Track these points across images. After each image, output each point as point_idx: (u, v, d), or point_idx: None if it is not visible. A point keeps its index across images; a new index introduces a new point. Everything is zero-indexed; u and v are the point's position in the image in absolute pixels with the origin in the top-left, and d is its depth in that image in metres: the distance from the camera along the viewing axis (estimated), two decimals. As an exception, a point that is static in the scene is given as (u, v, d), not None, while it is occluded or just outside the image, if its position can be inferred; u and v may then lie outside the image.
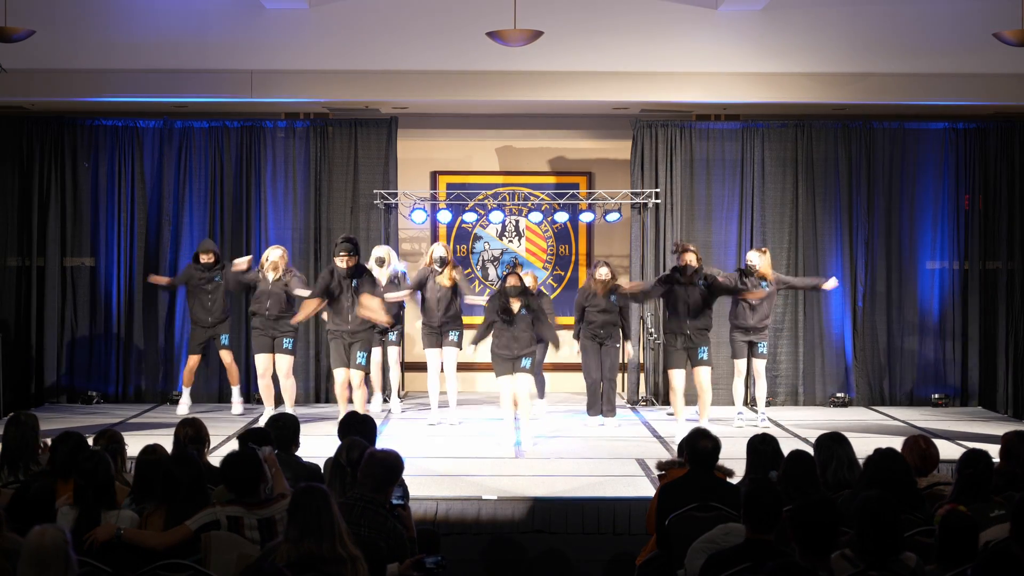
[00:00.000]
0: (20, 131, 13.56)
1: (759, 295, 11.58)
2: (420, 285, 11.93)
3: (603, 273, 11.59)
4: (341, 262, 10.65)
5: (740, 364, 11.93)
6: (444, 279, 11.81)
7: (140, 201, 13.60)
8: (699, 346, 10.97)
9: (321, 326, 12.43)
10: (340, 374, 10.92)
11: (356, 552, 4.85)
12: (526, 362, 10.59)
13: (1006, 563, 4.18)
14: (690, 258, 10.92)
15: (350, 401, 10.86)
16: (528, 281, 11.24)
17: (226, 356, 12.54)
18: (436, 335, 11.90)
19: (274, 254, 11.91)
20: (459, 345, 11.93)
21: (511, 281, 10.65)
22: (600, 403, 11.73)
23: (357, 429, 6.79)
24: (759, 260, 11.74)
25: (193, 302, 12.49)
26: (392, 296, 11.78)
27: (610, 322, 11.60)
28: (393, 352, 12.83)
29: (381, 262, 12.17)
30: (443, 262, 11.85)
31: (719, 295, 11.32)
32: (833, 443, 6.38)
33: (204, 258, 12.44)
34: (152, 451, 6.14)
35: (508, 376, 10.62)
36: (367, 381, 11.37)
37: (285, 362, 11.85)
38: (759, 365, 11.96)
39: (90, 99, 12.86)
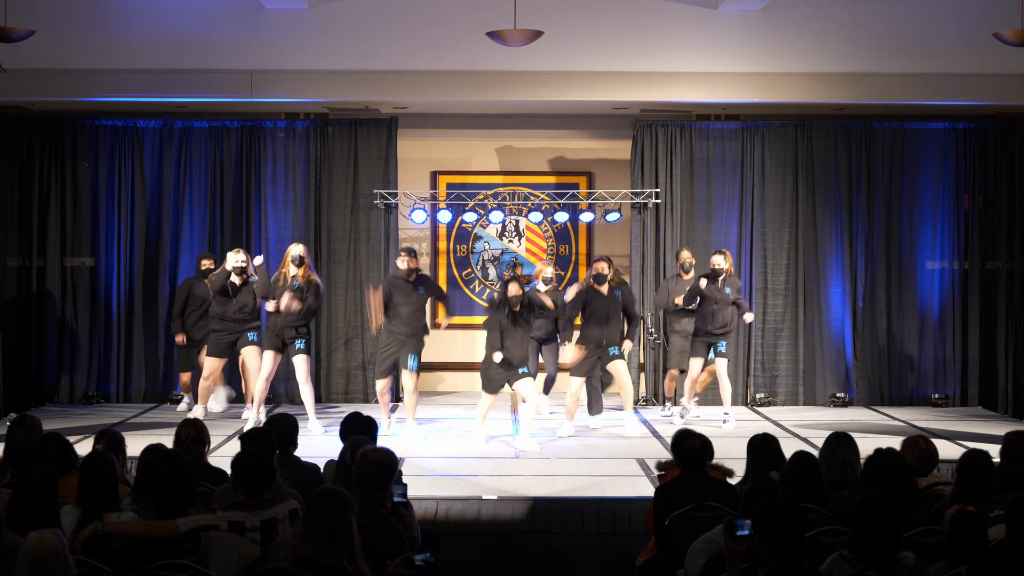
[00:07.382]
0: (20, 131, 13.55)
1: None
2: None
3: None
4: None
5: (695, 363, 11.86)
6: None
7: (140, 201, 13.59)
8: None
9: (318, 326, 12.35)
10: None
11: (366, 570, 4.61)
12: (523, 369, 10.57)
13: (1001, 563, 4.19)
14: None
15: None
16: (548, 272, 11.37)
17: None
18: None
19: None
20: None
21: (512, 290, 10.43)
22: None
23: (360, 429, 6.80)
24: (724, 262, 11.71)
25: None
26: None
27: None
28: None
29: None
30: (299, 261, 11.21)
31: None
32: (835, 444, 6.38)
33: (206, 263, 12.36)
34: (154, 451, 6.13)
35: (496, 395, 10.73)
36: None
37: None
38: (721, 365, 11.84)
39: (90, 99, 12.86)
